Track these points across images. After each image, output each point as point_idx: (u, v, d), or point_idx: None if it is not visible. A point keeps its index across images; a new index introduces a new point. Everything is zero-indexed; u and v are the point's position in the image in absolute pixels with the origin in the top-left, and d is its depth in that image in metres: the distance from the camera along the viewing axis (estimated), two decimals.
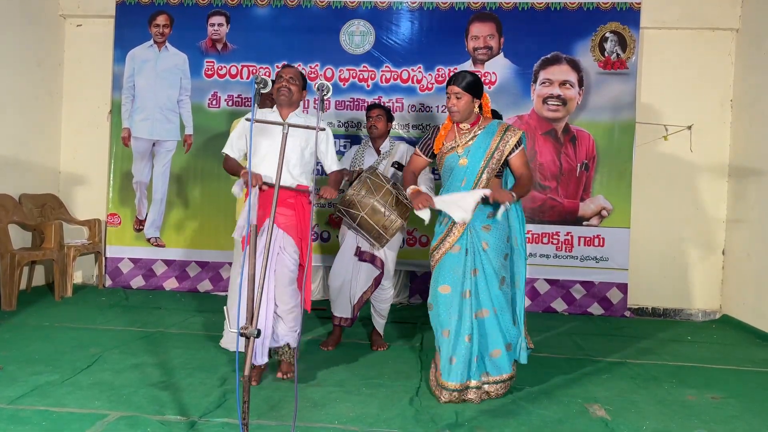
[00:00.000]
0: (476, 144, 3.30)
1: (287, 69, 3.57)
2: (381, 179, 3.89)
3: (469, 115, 3.32)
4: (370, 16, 6.03)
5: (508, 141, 3.28)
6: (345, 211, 3.90)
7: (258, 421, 2.86)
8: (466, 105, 3.27)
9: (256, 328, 2.16)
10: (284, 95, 3.49)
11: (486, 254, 3.26)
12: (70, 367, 3.56)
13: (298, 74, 3.56)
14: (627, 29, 5.82)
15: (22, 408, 2.92)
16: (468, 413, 3.09)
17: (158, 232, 6.19)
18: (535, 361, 4.11)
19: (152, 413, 2.93)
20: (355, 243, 4.18)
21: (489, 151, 3.28)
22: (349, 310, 4.22)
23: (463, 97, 3.26)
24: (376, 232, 3.85)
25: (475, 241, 3.28)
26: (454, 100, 3.27)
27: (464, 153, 3.31)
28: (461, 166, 3.31)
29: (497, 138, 3.29)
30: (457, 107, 3.27)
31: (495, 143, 3.28)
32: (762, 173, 5.25)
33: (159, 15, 6.21)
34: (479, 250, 3.27)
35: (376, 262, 4.15)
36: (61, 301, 5.47)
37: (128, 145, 6.23)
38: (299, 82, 3.54)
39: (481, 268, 3.28)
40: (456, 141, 3.34)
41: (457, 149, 3.33)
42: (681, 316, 5.87)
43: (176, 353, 3.95)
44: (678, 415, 3.17)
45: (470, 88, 3.27)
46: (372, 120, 4.34)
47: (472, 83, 3.27)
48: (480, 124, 3.35)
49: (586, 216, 5.84)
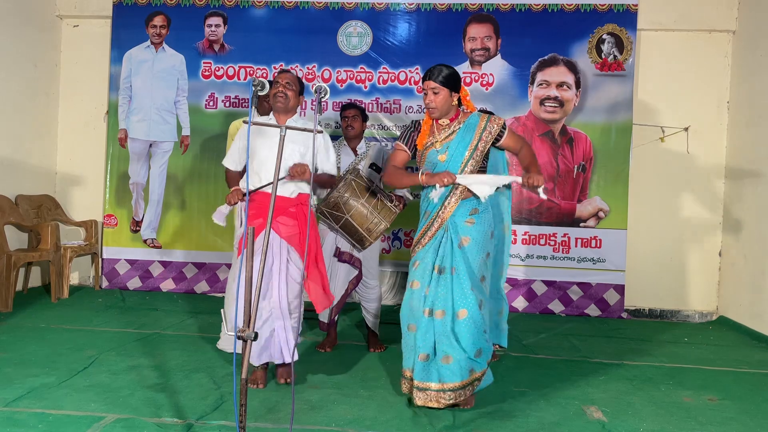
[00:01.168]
0: (457, 139, 3.20)
1: (284, 74, 3.50)
2: (365, 181, 3.85)
3: (448, 111, 3.22)
4: (367, 18, 6.03)
5: (491, 131, 3.20)
6: (329, 213, 3.83)
7: (255, 423, 2.86)
8: (444, 100, 3.16)
9: (253, 331, 2.15)
10: (281, 102, 3.43)
11: (462, 252, 3.14)
12: (66, 369, 3.55)
13: (295, 79, 3.50)
14: (624, 31, 5.83)
15: (18, 410, 2.91)
16: (465, 416, 3.08)
17: (155, 233, 6.18)
18: (532, 362, 4.12)
19: (149, 416, 2.92)
20: (335, 244, 4.16)
21: (472, 144, 3.19)
22: (326, 314, 4.21)
23: (440, 92, 3.14)
24: (360, 234, 3.79)
25: (453, 237, 3.17)
26: (431, 96, 3.15)
27: (443, 149, 3.21)
28: (442, 161, 3.21)
29: (479, 131, 3.20)
30: (435, 103, 3.15)
31: (477, 135, 3.20)
32: (758, 175, 5.26)
33: (156, 16, 6.20)
34: (454, 248, 3.15)
35: (354, 262, 4.15)
36: (58, 303, 5.45)
37: (125, 146, 6.22)
38: (296, 87, 3.48)
39: (450, 265, 3.14)
40: (435, 136, 3.24)
41: (435, 145, 3.23)
42: (678, 318, 5.88)
43: (173, 355, 3.94)
44: (675, 417, 3.17)
45: (447, 82, 3.15)
46: (348, 120, 4.29)
47: (449, 76, 3.16)
48: (459, 119, 3.25)
49: (583, 217, 5.85)
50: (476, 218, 3.19)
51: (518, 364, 4.07)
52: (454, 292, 3.12)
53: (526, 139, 3.43)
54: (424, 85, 3.19)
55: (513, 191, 5.18)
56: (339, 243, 4.14)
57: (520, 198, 5.84)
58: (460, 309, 3.10)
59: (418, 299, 3.18)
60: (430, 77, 3.15)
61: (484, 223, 3.21)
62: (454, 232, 3.18)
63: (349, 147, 4.34)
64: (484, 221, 3.21)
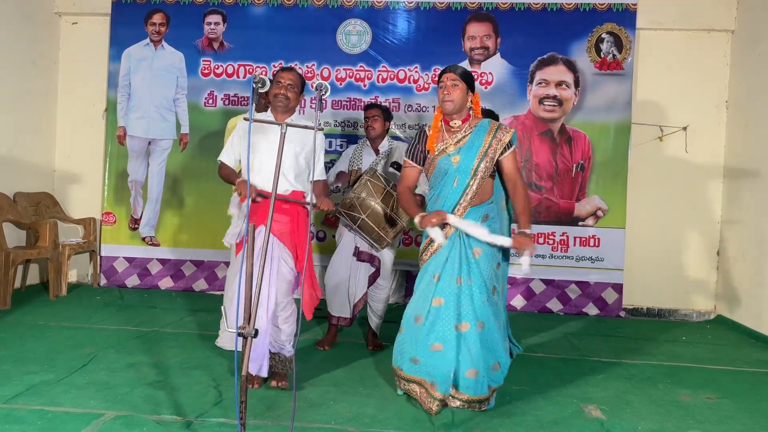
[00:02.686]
0: (469, 142, 3.12)
1: (287, 73, 3.36)
2: (381, 181, 3.89)
3: (462, 109, 3.15)
4: (366, 16, 6.03)
5: (501, 139, 3.13)
6: (346, 214, 3.90)
7: (254, 421, 2.86)
8: (461, 95, 3.10)
9: (253, 327, 2.15)
10: (281, 103, 3.33)
11: (477, 262, 3.07)
12: (65, 367, 3.55)
13: (298, 79, 3.38)
14: (623, 30, 5.83)
15: (17, 407, 2.91)
16: (464, 414, 3.09)
17: (153, 231, 6.18)
18: (531, 361, 4.13)
19: (148, 413, 2.92)
20: (354, 243, 4.18)
21: (482, 148, 3.11)
22: (348, 309, 4.22)
23: (459, 85, 3.09)
24: (377, 234, 3.86)
25: (465, 247, 3.09)
26: (450, 89, 3.09)
27: (456, 152, 3.12)
28: (454, 165, 3.11)
29: (489, 136, 3.13)
30: (452, 96, 3.08)
31: (488, 141, 3.12)
32: (756, 174, 5.27)
33: (155, 13, 6.19)
34: (469, 258, 3.07)
35: (374, 262, 4.16)
36: (56, 300, 5.45)
37: (124, 144, 6.21)
38: (298, 88, 3.38)
39: (467, 276, 3.06)
40: (447, 141, 3.16)
41: (448, 149, 3.14)
42: (676, 317, 5.89)
43: (172, 353, 3.94)
44: (673, 416, 3.18)
45: (466, 78, 3.13)
46: (369, 121, 4.32)
47: (468, 74, 3.15)
48: (471, 122, 3.19)
49: (582, 216, 5.86)
50: (487, 226, 3.09)
51: (516, 362, 4.05)
52: (475, 303, 3.04)
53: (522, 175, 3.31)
54: (443, 77, 3.13)
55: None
56: (358, 243, 4.15)
57: None
58: (479, 320, 3.04)
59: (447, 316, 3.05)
60: (451, 70, 3.12)
61: (495, 231, 3.12)
62: (465, 240, 3.09)
63: (372, 147, 4.35)
64: (495, 230, 3.13)
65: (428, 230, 3.07)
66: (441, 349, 3.04)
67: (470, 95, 3.16)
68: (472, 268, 3.07)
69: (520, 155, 5.86)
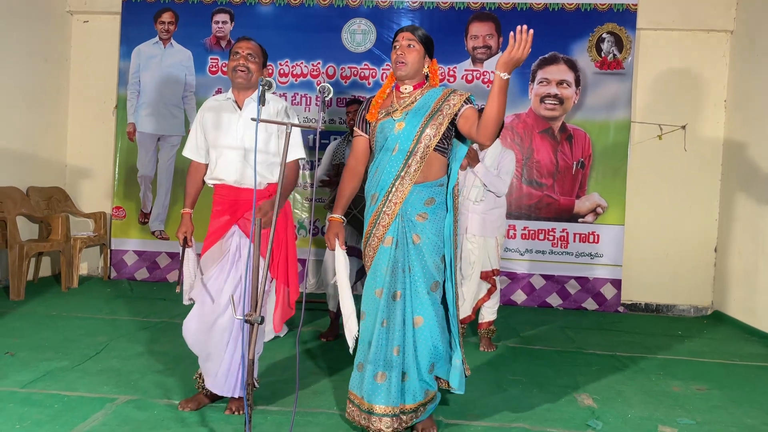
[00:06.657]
0: (417, 107, 2.73)
1: (244, 42, 2.91)
2: None
3: (416, 74, 2.76)
4: (371, 15, 6.14)
5: (451, 103, 2.70)
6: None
7: (260, 406, 2.99)
8: (416, 58, 2.72)
9: (260, 315, 2.27)
10: (241, 77, 2.86)
11: (417, 249, 2.68)
12: (79, 354, 3.70)
13: (258, 49, 2.93)
14: (623, 30, 5.92)
15: (35, 392, 3.05)
16: (460, 399, 3.20)
17: (162, 225, 6.32)
18: (528, 353, 4.25)
19: (158, 397, 3.06)
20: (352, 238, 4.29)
21: (429, 112, 2.70)
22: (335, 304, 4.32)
23: (416, 47, 2.71)
24: None
25: (407, 231, 2.69)
26: (405, 50, 2.70)
27: (401, 117, 2.73)
28: (397, 131, 2.71)
29: (440, 101, 2.72)
30: (406, 58, 2.70)
31: (436, 106, 2.71)
32: (754, 173, 5.36)
33: (164, 12, 6.33)
34: (410, 243, 2.68)
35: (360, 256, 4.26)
36: (68, 292, 5.60)
37: (133, 140, 6.35)
38: (259, 59, 2.92)
39: (408, 265, 2.68)
40: (394, 105, 2.77)
41: (393, 114, 2.75)
42: (673, 312, 5.99)
43: (181, 342, 3.97)
44: (663, 405, 3.29)
45: (425, 41, 2.74)
46: (351, 115, 4.42)
47: (427, 37, 2.77)
48: (423, 89, 2.78)
49: (582, 213, 5.96)
50: (429, 211, 2.71)
51: (514, 354, 4.20)
52: (413, 297, 2.68)
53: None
54: (398, 37, 2.74)
55: (511, 187, 5.30)
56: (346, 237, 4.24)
57: (519, 194, 5.96)
58: (416, 316, 2.69)
59: (383, 308, 2.70)
60: (408, 29, 2.75)
61: (438, 220, 2.72)
62: (408, 223, 2.70)
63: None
64: (438, 218, 2.72)
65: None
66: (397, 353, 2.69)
67: (428, 61, 2.78)
68: (411, 255, 2.70)
69: (521, 153, 5.96)
